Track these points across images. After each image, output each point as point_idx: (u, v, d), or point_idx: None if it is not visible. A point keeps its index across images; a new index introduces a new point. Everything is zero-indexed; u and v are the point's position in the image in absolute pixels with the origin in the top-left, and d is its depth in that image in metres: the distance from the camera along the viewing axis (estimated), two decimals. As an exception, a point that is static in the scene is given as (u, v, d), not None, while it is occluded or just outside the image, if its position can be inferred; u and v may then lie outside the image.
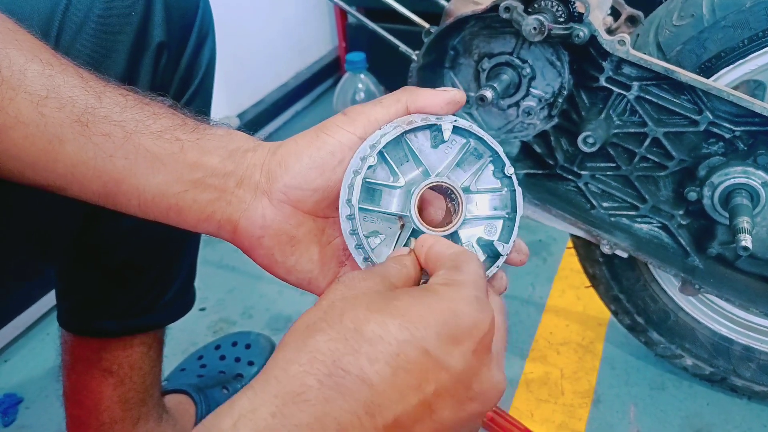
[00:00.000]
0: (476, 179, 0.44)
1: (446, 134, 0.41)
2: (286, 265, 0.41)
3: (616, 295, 0.90)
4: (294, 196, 0.40)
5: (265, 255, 0.41)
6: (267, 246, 0.41)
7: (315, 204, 0.41)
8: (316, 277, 0.42)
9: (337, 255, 0.42)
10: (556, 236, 1.26)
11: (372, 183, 0.41)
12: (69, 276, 0.68)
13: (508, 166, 0.43)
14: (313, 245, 0.41)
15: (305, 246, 0.41)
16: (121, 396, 0.72)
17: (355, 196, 0.39)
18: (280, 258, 0.41)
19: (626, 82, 0.72)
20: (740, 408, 0.92)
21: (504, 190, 0.44)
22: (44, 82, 0.39)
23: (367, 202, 0.40)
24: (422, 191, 0.41)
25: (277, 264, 0.41)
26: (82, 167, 0.39)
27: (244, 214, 0.40)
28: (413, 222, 0.41)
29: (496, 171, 0.44)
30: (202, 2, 0.61)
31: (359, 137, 0.40)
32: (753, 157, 0.71)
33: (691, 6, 0.70)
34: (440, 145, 0.42)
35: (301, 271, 0.41)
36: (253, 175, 0.40)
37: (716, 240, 0.77)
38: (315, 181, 0.40)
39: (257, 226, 0.40)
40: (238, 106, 1.65)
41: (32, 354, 1.07)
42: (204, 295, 1.15)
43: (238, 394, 0.31)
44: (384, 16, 1.04)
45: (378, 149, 0.39)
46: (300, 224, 0.41)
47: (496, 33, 0.75)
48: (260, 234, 0.40)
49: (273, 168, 0.40)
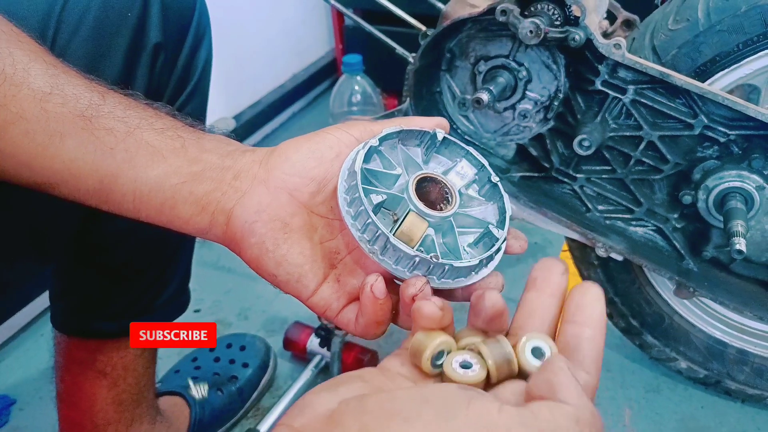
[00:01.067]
0: (466, 190, 0.45)
1: (439, 136, 0.44)
2: (276, 256, 0.40)
3: (611, 298, 0.91)
4: (292, 183, 0.40)
5: (257, 244, 0.40)
6: (260, 232, 0.40)
7: (311, 196, 0.41)
8: (305, 273, 0.41)
9: (328, 256, 0.42)
10: (552, 239, 1.26)
11: (370, 170, 0.42)
12: (65, 277, 0.68)
13: (494, 176, 0.44)
14: (305, 239, 0.41)
15: (297, 238, 0.41)
16: (115, 398, 0.72)
17: (358, 164, 0.40)
18: (271, 246, 0.40)
19: (622, 85, 0.72)
20: (734, 411, 0.92)
21: (491, 203, 0.45)
22: (48, 80, 0.39)
23: (365, 184, 0.41)
24: (418, 179, 0.41)
25: (267, 254, 0.40)
26: (80, 162, 0.39)
27: (239, 201, 0.40)
28: (411, 203, 0.40)
29: (483, 184, 0.45)
30: (198, 3, 0.61)
31: (356, 138, 0.42)
32: (747, 161, 0.71)
33: (687, 10, 0.70)
34: (430, 160, 0.45)
35: (291, 264, 0.40)
36: (251, 169, 0.41)
37: (711, 243, 0.78)
38: (313, 170, 0.41)
39: (252, 211, 0.40)
40: (236, 107, 1.65)
41: (26, 355, 1.06)
42: (200, 297, 1.15)
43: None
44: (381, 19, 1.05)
45: (379, 136, 0.41)
46: (294, 213, 0.41)
47: (493, 36, 0.76)
48: (254, 219, 0.40)
49: (272, 160, 0.41)
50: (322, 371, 0.99)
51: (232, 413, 0.92)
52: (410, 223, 0.40)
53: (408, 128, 0.43)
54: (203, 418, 0.87)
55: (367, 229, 0.39)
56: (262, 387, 0.97)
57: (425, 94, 0.81)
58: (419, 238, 0.40)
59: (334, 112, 1.55)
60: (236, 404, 0.93)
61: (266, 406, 0.96)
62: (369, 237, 0.39)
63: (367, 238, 0.39)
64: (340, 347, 0.94)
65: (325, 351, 0.97)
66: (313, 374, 0.98)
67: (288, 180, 0.40)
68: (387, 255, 0.39)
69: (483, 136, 0.82)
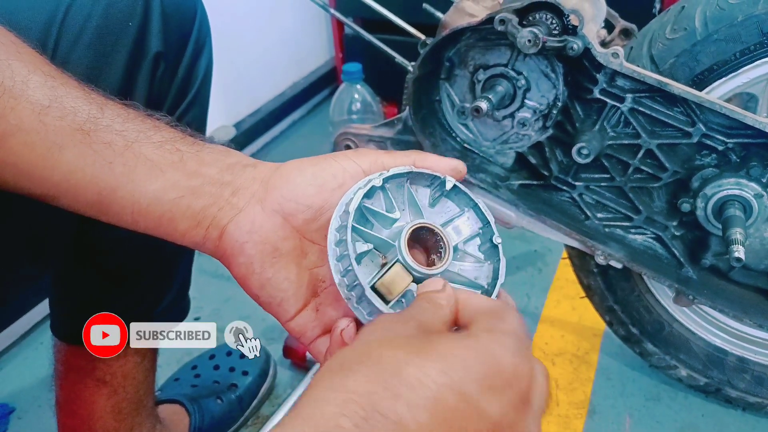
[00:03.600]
0: (464, 245, 0.44)
1: (448, 185, 0.43)
2: (261, 278, 0.41)
3: (611, 306, 0.91)
4: (288, 208, 0.40)
5: (244, 264, 0.41)
6: (249, 253, 0.40)
7: (305, 223, 0.41)
8: (288, 298, 0.41)
9: (313, 283, 0.42)
10: (552, 246, 1.26)
11: (368, 208, 0.41)
12: (64, 283, 0.68)
13: (497, 236, 0.44)
14: (293, 265, 0.41)
15: (285, 263, 0.41)
16: (115, 406, 0.72)
17: (353, 204, 0.39)
18: (258, 269, 0.40)
19: (620, 94, 0.73)
20: (735, 419, 0.92)
21: (487, 263, 0.44)
22: (47, 92, 0.39)
23: (360, 223, 0.40)
24: (413, 228, 0.40)
25: (253, 275, 0.41)
26: (79, 174, 0.39)
27: (233, 219, 0.40)
28: (400, 254, 0.39)
29: (484, 241, 0.44)
30: (199, 12, 0.61)
31: (363, 170, 0.42)
32: (746, 169, 0.71)
33: (684, 19, 0.71)
34: (437, 205, 0.44)
35: (274, 288, 0.41)
36: (251, 186, 0.41)
37: (710, 251, 0.78)
38: (311, 198, 0.41)
39: (244, 231, 0.40)
40: (235, 115, 1.66)
41: (25, 363, 1.06)
42: (199, 305, 1.15)
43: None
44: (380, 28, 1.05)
45: (385, 176, 0.41)
46: (286, 238, 0.41)
47: (492, 45, 0.76)
48: (245, 239, 0.40)
49: (274, 179, 0.41)
50: (322, 379, 0.99)
51: (231, 421, 0.92)
52: (394, 274, 0.39)
53: (418, 170, 0.42)
54: (202, 426, 0.87)
55: (347, 275, 0.38)
56: (261, 395, 0.97)
57: (425, 103, 0.81)
58: (399, 293, 0.39)
59: (334, 121, 1.56)
60: (236, 412, 0.93)
61: (266, 415, 0.96)
62: (348, 282, 0.39)
63: (346, 283, 0.39)
64: (340, 355, 0.94)
65: (324, 359, 0.97)
66: (313, 382, 0.97)
67: (285, 204, 0.40)
68: (362, 305, 0.39)
69: (482, 145, 0.83)
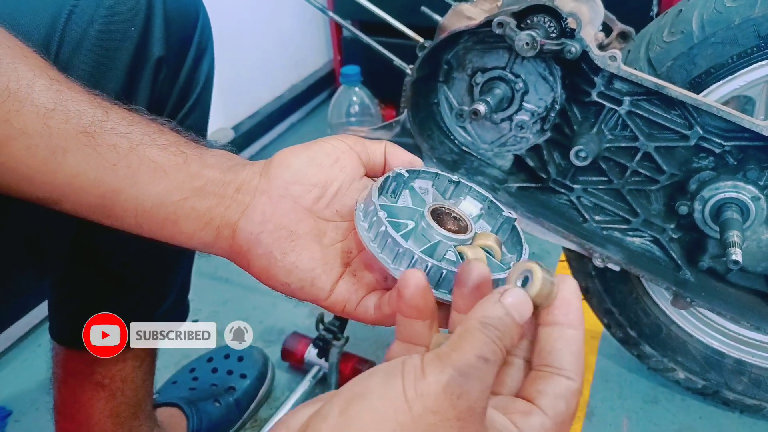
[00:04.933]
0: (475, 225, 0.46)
1: (453, 177, 0.45)
2: (286, 264, 0.40)
3: (608, 308, 0.91)
4: (295, 191, 0.41)
5: (264, 254, 0.40)
6: (266, 242, 0.40)
7: (314, 201, 0.41)
8: (319, 276, 0.41)
9: (341, 257, 0.42)
10: (549, 249, 1.26)
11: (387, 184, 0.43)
12: (63, 286, 0.68)
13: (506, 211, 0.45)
14: (314, 244, 0.41)
15: (305, 243, 0.41)
16: (113, 410, 0.72)
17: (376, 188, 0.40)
18: (279, 256, 0.40)
19: (617, 97, 0.73)
20: (732, 421, 0.92)
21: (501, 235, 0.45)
22: (51, 96, 0.39)
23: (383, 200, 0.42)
24: (433, 207, 0.42)
25: (276, 264, 0.40)
26: (83, 177, 0.39)
27: (243, 214, 0.41)
28: (425, 220, 0.40)
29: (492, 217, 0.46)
30: (201, 16, 0.61)
31: (349, 145, 0.43)
32: (743, 172, 0.72)
33: (682, 23, 0.71)
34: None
35: (302, 270, 0.40)
36: (252, 181, 0.42)
37: (707, 253, 0.78)
38: (314, 177, 0.41)
39: (256, 222, 0.40)
40: (234, 117, 1.66)
41: (23, 366, 1.06)
42: (197, 307, 1.15)
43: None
44: (379, 30, 1.05)
45: (398, 173, 0.43)
46: (300, 220, 0.41)
47: (490, 48, 0.76)
48: (259, 230, 0.40)
49: (272, 170, 0.42)
50: (320, 382, 0.99)
51: (229, 424, 0.92)
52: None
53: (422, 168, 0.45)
54: (200, 429, 0.87)
55: (386, 246, 0.38)
56: (259, 398, 0.97)
57: (423, 105, 0.81)
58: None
59: (332, 123, 1.56)
60: (234, 415, 0.93)
61: (264, 417, 0.96)
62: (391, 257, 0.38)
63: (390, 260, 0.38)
64: (338, 358, 0.94)
65: (322, 361, 0.97)
66: (311, 385, 0.97)
67: (290, 188, 0.41)
68: (403, 261, 0.38)
69: (480, 147, 0.83)
